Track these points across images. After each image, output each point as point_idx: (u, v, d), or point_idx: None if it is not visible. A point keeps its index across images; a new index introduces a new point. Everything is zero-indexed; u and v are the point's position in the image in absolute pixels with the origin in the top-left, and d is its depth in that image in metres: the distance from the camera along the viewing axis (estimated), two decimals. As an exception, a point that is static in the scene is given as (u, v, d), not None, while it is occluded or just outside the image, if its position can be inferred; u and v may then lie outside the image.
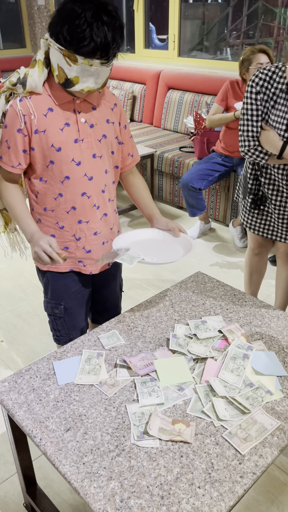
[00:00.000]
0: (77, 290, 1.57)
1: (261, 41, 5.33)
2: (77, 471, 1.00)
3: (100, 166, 1.43)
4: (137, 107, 4.57)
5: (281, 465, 1.66)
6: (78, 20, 1.15)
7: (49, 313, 1.61)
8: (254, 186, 1.95)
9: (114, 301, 1.75)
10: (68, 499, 1.56)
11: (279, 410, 1.14)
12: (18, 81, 1.30)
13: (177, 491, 0.96)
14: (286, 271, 2.17)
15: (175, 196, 3.78)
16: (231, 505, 0.93)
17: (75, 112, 1.35)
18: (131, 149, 1.56)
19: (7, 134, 1.35)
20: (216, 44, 5.56)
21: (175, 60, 4.48)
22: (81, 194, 1.42)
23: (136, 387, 1.20)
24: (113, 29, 1.18)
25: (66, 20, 1.17)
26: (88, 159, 1.39)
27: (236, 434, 1.07)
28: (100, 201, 1.47)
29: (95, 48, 1.18)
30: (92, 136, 1.38)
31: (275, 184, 1.86)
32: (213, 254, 3.15)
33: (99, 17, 1.16)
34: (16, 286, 2.79)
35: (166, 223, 1.57)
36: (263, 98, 1.71)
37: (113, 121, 1.44)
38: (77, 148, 1.37)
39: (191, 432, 1.08)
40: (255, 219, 2.04)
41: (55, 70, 1.27)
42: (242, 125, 1.78)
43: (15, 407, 1.15)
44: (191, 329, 1.39)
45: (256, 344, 1.36)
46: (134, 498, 0.94)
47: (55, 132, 1.33)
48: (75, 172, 1.39)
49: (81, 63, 1.20)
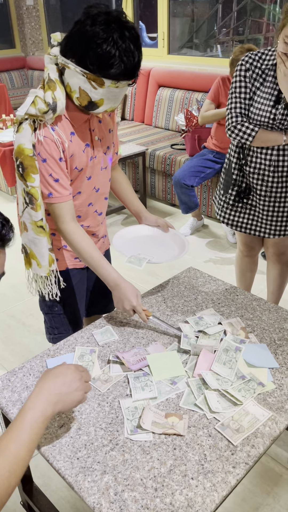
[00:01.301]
0: (75, 285, 1.59)
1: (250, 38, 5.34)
2: (71, 466, 1.01)
3: (106, 176, 1.46)
4: (128, 105, 4.57)
5: (276, 456, 1.68)
6: (106, 44, 1.09)
7: (47, 312, 1.61)
8: (238, 177, 1.91)
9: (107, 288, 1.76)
10: (65, 496, 1.57)
11: (271, 401, 1.15)
12: (49, 108, 1.19)
13: (171, 483, 0.97)
14: (276, 269, 2.17)
15: (168, 193, 3.78)
16: (224, 495, 0.94)
17: (90, 131, 1.35)
18: (117, 146, 1.57)
19: (48, 167, 1.26)
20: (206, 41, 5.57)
21: (165, 58, 4.49)
22: (88, 205, 1.45)
23: (129, 382, 1.20)
24: (137, 47, 1.14)
25: (92, 44, 1.10)
26: (97, 173, 1.41)
27: (229, 425, 1.08)
28: (102, 207, 1.51)
29: (126, 71, 1.14)
30: (101, 151, 1.39)
31: (259, 174, 1.83)
32: (206, 251, 3.16)
33: (125, 37, 1.11)
34: (10, 287, 2.79)
35: (155, 220, 1.60)
36: (252, 76, 1.72)
37: (111, 128, 1.45)
38: (91, 165, 1.38)
39: (184, 425, 1.09)
40: (238, 214, 1.98)
41: (75, 92, 1.20)
42: (230, 103, 1.77)
43: (9, 405, 1.16)
44: (193, 326, 1.40)
45: (248, 337, 1.37)
46: (128, 491, 0.95)
47: (79, 155, 1.32)
48: (86, 187, 1.40)
49: (108, 86, 1.17)
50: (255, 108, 1.74)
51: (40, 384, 0.93)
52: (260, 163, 1.81)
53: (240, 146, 1.85)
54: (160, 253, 1.54)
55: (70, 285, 1.57)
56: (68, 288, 1.57)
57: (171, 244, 1.58)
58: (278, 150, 1.75)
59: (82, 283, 1.63)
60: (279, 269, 2.16)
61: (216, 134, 3.10)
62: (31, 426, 0.86)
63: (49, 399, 0.91)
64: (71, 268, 1.56)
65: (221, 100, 2.99)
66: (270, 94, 1.70)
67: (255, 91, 1.74)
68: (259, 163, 1.81)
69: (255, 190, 1.88)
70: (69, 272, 1.56)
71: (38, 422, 0.87)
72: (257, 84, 1.73)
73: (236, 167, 1.90)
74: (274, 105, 1.69)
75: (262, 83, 1.72)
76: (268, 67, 1.71)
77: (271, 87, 1.70)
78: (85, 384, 0.99)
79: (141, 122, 4.52)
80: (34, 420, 0.86)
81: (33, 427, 0.86)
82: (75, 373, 0.97)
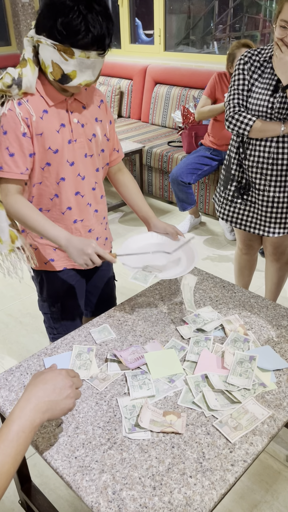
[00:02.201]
0: (73, 286, 1.57)
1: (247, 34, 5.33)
2: (69, 465, 1.00)
3: (92, 165, 1.43)
4: (125, 102, 4.55)
5: (274, 453, 1.68)
6: (72, 13, 1.13)
7: (45, 312, 1.60)
8: (237, 172, 1.91)
9: (109, 291, 1.75)
10: (63, 495, 1.57)
11: (269, 399, 1.15)
12: (13, 82, 1.23)
13: (169, 481, 0.96)
14: (274, 267, 2.16)
15: (165, 191, 3.78)
16: (222, 493, 0.94)
17: (68, 112, 1.34)
18: (116, 144, 1.56)
19: (7, 140, 1.28)
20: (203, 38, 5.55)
21: (161, 54, 4.47)
22: (75, 194, 1.42)
23: (127, 381, 1.20)
24: (106, 19, 1.17)
25: (59, 14, 1.14)
26: (80, 159, 1.39)
27: (227, 423, 1.08)
28: (91, 199, 1.47)
29: (93, 39, 1.16)
30: (83, 136, 1.38)
31: (258, 167, 1.82)
32: (204, 248, 3.15)
33: (93, 8, 1.14)
34: (7, 285, 2.78)
35: (164, 228, 1.53)
36: (250, 68, 1.75)
37: (101, 119, 1.43)
38: (71, 149, 1.36)
39: (182, 423, 1.08)
40: (237, 211, 1.97)
41: (49, 67, 1.23)
42: (229, 95, 1.81)
43: (6, 404, 1.15)
44: (190, 322, 1.40)
45: (246, 334, 1.37)
46: (126, 490, 0.95)
47: (52, 134, 1.31)
48: (69, 173, 1.38)
49: (78, 56, 1.18)
50: (254, 98, 1.75)
51: (28, 390, 0.89)
52: (259, 156, 1.80)
53: (240, 140, 1.85)
54: (168, 264, 1.47)
55: (68, 286, 1.56)
56: (66, 289, 1.56)
57: (180, 255, 1.50)
58: (277, 142, 1.75)
59: (81, 284, 1.61)
60: (277, 268, 2.15)
61: (213, 131, 3.10)
62: (18, 437, 0.81)
63: (38, 407, 0.86)
64: (69, 269, 1.55)
65: (218, 96, 2.99)
66: (268, 84, 1.71)
67: (254, 83, 1.76)
68: (257, 156, 1.80)
69: (254, 185, 1.87)
70: (66, 272, 1.55)
71: (26, 432, 0.82)
72: (256, 76, 1.75)
73: (235, 162, 1.90)
74: (272, 94, 1.70)
75: (261, 74, 1.74)
76: (266, 59, 1.74)
77: (269, 78, 1.72)
78: (76, 391, 0.95)
79: (137, 120, 4.50)
80: (22, 430, 0.82)
81: (20, 437, 0.81)
82: (66, 380, 0.93)
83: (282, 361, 1.27)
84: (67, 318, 1.60)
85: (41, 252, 1.50)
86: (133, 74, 4.39)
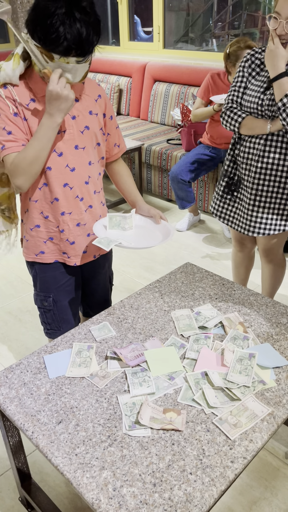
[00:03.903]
0: (66, 283, 1.57)
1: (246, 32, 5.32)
2: (69, 462, 1.01)
3: (83, 157, 1.43)
4: (124, 100, 4.54)
5: (274, 450, 1.68)
6: (50, 19, 1.13)
7: (39, 306, 1.61)
8: (230, 168, 1.92)
9: (103, 294, 1.76)
10: (63, 492, 1.57)
11: (269, 396, 1.15)
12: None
13: (169, 478, 0.97)
14: (267, 268, 2.13)
15: (164, 189, 3.78)
16: (222, 489, 0.95)
17: None
18: (117, 139, 1.56)
19: (2, 122, 1.29)
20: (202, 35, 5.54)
21: (160, 52, 4.46)
22: (63, 185, 1.42)
23: (127, 378, 1.20)
24: (86, 26, 1.16)
25: (40, 19, 1.15)
26: (70, 150, 1.39)
27: (227, 420, 1.08)
28: (84, 193, 1.46)
29: (68, 47, 1.16)
30: (74, 128, 1.38)
31: (247, 163, 1.83)
32: (203, 246, 3.16)
33: (71, 15, 1.14)
34: (6, 284, 2.78)
35: (148, 210, 1.57)
36: (250, 66, 1.77)
37: (96, 113, 1.43)
38: (59, 139, 1.36)
39: (182, 420, 1.09)
40: (226, 207, 1.97)
41: (35, 64, 1.26)
42: (229, 91, 1.84)
43: (6, 402, 1.16)
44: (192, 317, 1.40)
45: (245, 332, 1.37)
46: (127, 487, 0.95)
47: (36, 122, 1.33)
48: (56, 163, 1.38)
49: (58, 60, 1.20)
50: (247, 95, 1.77)
51: None
52: (248, 152, 1.81)
53: (237, 136, 1.86)
54: (139, 240, 1.48)
55: (60, 282, 1.56)
56: (58, 285, 1.56)
57: (158, 236, 1.52)
58: (266, 140, 1.75)
59: (74, 282, 1.61)
60: (270, 269, 2.13)
61: (211, 129, 3.09)
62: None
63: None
64: (60, 263, 1.55)
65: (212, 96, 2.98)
66: (262, 82, 1.73)
67: (251, 80, 1.77)
68: (247, 152, 1.81)
69: (243, 182, 1.88)
70: (58, 268, 1.55)
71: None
72: (254, 74, 1.77)
73: (229, 158, 1.91)
74: (263, 92, 1.71)
75: (259, 72, 1.76)
76: None
77: (265, 76, 1.73)
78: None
79: (136, 117, 4.49)
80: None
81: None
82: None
83: (282, 358, 1.27)
84: (59, 315, 1.60)
85: (32, 244, 1.51)
86: (132, 72, 4.38)
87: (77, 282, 1.62)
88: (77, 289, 1.64)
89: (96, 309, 1.72)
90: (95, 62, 4.78)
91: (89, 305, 1.77)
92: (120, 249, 3.08)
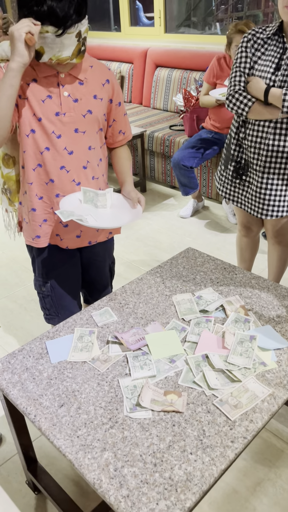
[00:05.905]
0: (64, 269, 1.58)
1: (249, 14, 5.22)
2: (71, 444, 1.02)
3: (83, 141, 1.42)
4: (126, 87, 4.50)
5: (278, 432, 1.69)
6: None
7: (38, 291, 1.63)
8: (236, 152, 1.90)
9: (103, 282, 1.76)
10: (69, 475, 1.59)
11: (269, 377, 1.16)
12: None
13: (170, 458, 0.98)
14: (276, 250, 2.14)
15: (167, 175, 3.75)
16: (222, 468, 0.95)
17: (58, 86, 1.34)
18: (123, 126, 1.55)
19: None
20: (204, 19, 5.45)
21: (161, 37, 4.40)
22: (60, 168, 1.41)
23: (128, 362, 1.21)
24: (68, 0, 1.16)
25: None
26: (69, 133, 1.38)
27: (227, 401, 1.09)
28: (81, 177, 1.46)
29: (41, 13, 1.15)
30: (75, 111, 1.37)
31: (256, 147, 1.81)
32: (206, 232, 3.14)
33: None
34: (11, 273, 2.80)
35: (128, 192, 1.51)
36: (253, 46, 1.73)
37: (101, 97, 1.42)
38: (58, 121, 1.36)
39: (183, 402, 1.09)
40: (237, 190, 1.97)
41: None
42: (232, 73, 1.79)
43: (9, 387, 1.17)
44: (194, 301, 1.41)
45: (247, 315, 1.37)
46: (128, 467, 0.96)
47: (36, 102, 1.33)
48: (55, 145, 1.38)
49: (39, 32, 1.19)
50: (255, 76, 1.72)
51: None
52: (257, 135, 1.78)
53: (242, 119, 1.83)
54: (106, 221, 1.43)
55: (58, 268, 1.56)
56: (55, 271, 1.56)
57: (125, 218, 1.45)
58: (276, 123, 1.73)
59: (72, 269, 1.60)
60: (279, 251, 2.14)
61: (214, 114, 3.06)
62: None
63: None
64: (56, 249, 1.54)
65: (217, 80, 2.95)
66: (271, 62, 1.69)
67: (256, 60, 1.73)
68: (255, 135, 1.79)
69: (252, 166, 1.86)
70: (54, 254, 1.55)
71: None
72: (259, 54, 1.73)
73: (235, 142, 1.88)
74: (274, 72, 1.67)
75: (264, 52, 1.72)
76: (270, 36, 1.71)
77: (272, 55, 1.70)
78: None
79: (139, 104, 4.46)
80: None
81: None
82: None
83: (283, 340, 1.27)
84: (57, 301, 1.61)
85: (29, 228, 1.52)
86: (133, 58, 4.34)
87: (76, 269, 1.62)
88: (76, 276, 1.64)
89: (96, 296, 1.72)
90: (96, 49, 4.73)
91: (89, 292, 1.77)
92: (124, 237, 3.08)
